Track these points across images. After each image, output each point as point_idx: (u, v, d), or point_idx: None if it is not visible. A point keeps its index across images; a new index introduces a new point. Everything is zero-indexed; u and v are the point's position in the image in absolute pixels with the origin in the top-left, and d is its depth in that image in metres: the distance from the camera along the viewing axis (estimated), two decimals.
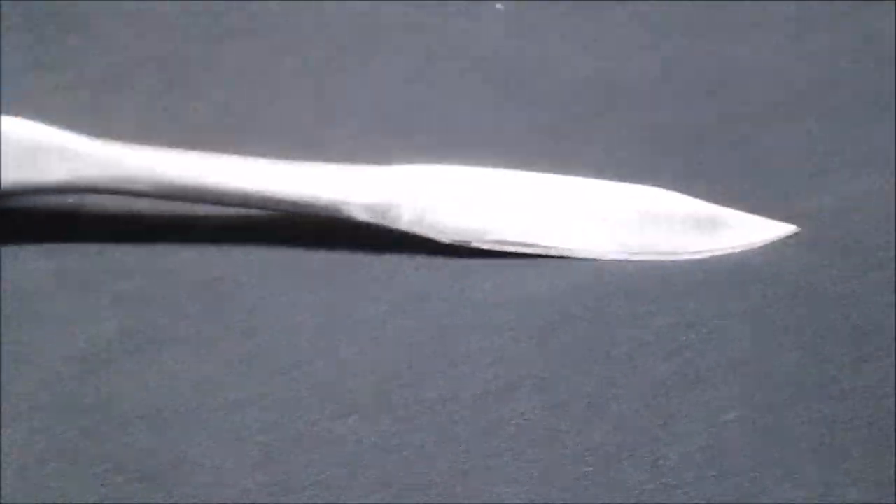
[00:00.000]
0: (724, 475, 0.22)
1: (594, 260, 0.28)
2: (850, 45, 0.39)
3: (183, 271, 0.28)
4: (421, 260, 0.28)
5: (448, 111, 0.36)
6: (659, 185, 0.30)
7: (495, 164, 0.33)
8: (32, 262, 0.29)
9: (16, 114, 0.29)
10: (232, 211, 0.29)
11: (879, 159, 0.32)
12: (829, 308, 0.27)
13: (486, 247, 0.28)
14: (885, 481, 0.22)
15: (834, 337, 0.26)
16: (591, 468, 0.23)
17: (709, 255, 0.29)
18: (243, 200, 0.28)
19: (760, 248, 0.29)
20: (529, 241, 0.29)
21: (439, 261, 0.28)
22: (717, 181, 0.32)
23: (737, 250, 0.29)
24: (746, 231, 0.29)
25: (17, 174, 0.28)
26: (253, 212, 0.29)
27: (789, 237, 0.29)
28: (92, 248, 0.29)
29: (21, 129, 0.28)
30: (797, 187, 0.31)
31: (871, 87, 0.36)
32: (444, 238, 0.28)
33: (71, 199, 0.30)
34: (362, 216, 0.28)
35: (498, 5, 0.43)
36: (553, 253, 0.29)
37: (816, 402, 0.24)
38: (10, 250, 0.29)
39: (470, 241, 0.28)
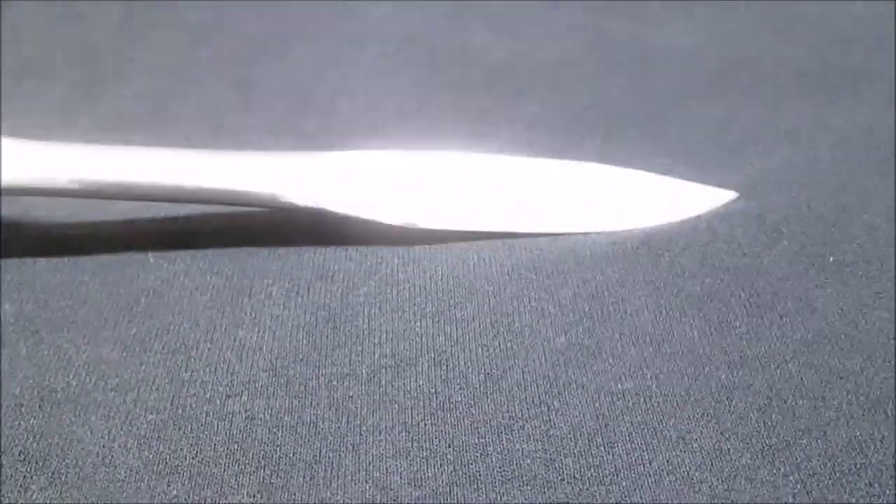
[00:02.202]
0: (615, 443, 0.22)
1: (535, 235, 0.28)
2: (764, 28, 0.39)
3: (84, 254, 0.28)
4: (328, 239, 0.28)
5: (370, 95, 0.36)
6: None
7: (419, 147, 0.33)
8: None
9: None
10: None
11: (792, 136, 0.33)
12: (732, 279, 0.27)
13: (431, 226, 0.28)
14: (780, 446, 0.22)
15: (735, 306, 0.26)
16: (482, 439, 0.22)
17: (654, 224, 0.29)
18: (174, 195, 0.27)
19: (703, 215, 0.29)
20: (472, 221, 0.28)
21: (347, 241, 0.28)
22: (635, 159, 0.32)
23: (681, 218, 0.29)
24: (689, 199, 0.29)
25: None
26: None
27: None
28: None
29: None
30: (712, 163, 0.31)
31: (784, 67, 0.37)
32: (391, 220, 0.28)
33: None
34: (303, 202, 0.27)
35: None
36: (496, 231, 0.28)
37: (714, 370, 0.24)
38: None
39: (415, 224, 0.28)
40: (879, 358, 0.24)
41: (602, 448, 0.22)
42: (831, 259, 0.27)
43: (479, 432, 0.23)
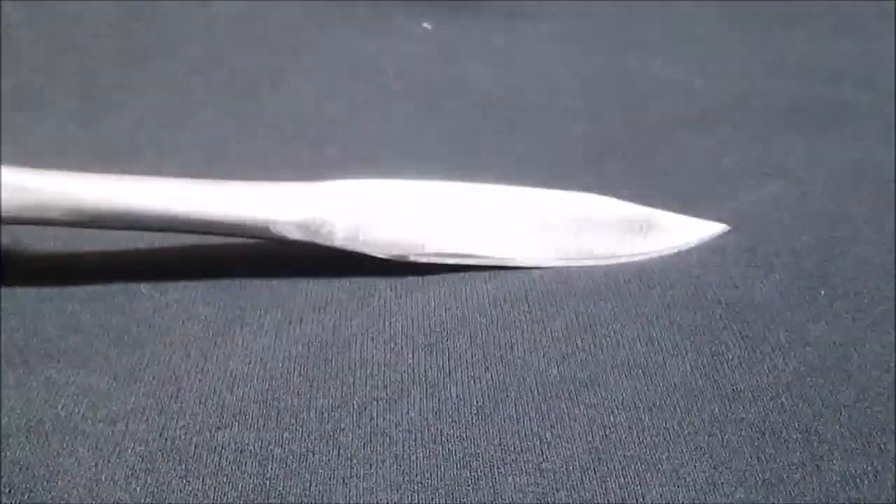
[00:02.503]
0: (608, 477, 0.22)
1: (529, 268, 0.28)
2: (755, 63, 0.40)
3: (75, 284, 0.28)
4: (320, 270, 0.28)
5: (366, 126, 0.37)
6: None
7: (414, 178, 0.33)
8: None
9: None
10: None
11: (783, 169, 0.33)
12: (724, 311, 0.26)
13: (423, 260, 0.28)
14: (773, 480, 0.22)
15: (727, 339, 0.26)
16: (473, 473, 0.22)
17: (645, 256, 0.29)
18: (167, 225, 0.27)
19: (694, 247, 0.29)
20: (467, 251, 0.28)
21: (340, 272, 0.28)
22: (625, 192, 0.32)
23: (672, 251, 0.29)
24: (680, 231, 0.29)
25: None
26: None
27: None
28: None
29: None
30: (702, 196, 0.31)
31: (775, 101, 0.37)
32: (381, 253, 0.28)
33: None
34: (294, 235, 0.27)
35: (425, 24, 0.43)
36: (491, 263, 0.28)
37: (707, 403, 0.24)
38: None
39: (407, 256, 0.28)
40: (873, 391, 0.24)
41: (595, 482, 0.22)
42: (823, 292, 0.27)
43: (470, 465, 0.22)
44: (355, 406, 0.24)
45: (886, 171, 0.33)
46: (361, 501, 0.22)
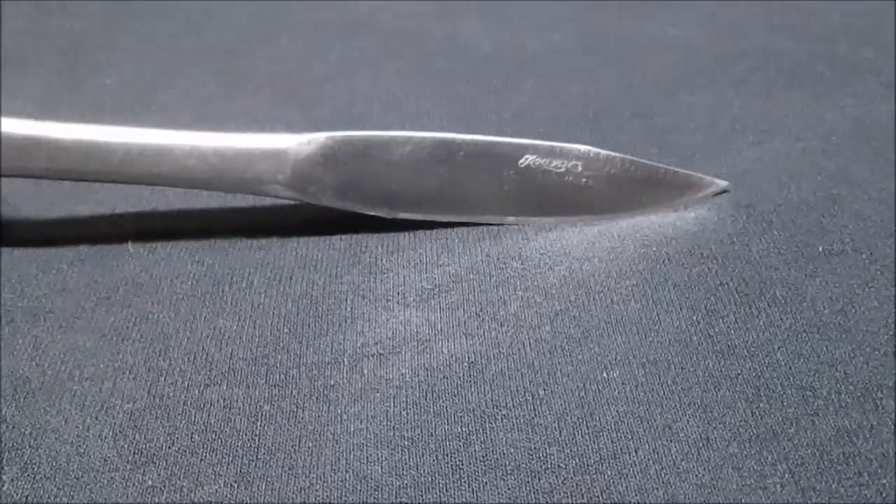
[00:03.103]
0: (600, 432, 0.22)
1: (522, 224, 0.28)
2: (755, 19, 0.39)
3: (63, 242, 0.27)
4: (311, 228, 0.28)
5: (358, 86, 0.36)
6: None
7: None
8: None
9: None
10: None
11: (782, 127, 0.32)
12: (720, 268, 0.26)
13: (414, 217, 0.28)
14: (767, 435, 0.22)
15: (723, 296, 0.25)
16: (465, 429, 0.22)
17: (642, 212, 0.28)
18: (152, 180, 0.26)
19: (694, 203, 0.28)
20: (459, 208, 0.28)
21: (330, 229, 0.28)
22: (623, 150, 0.31)
23: (672, 206, 0.28)
24: (679, 186, 0.29)
25: None
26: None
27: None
28: None
29: None
30: (701, 154, 0.31)
31: (774, 59, 0.36)
32: (371, 211, 0.27)
33: None
34: (283, 194, 0.27)
35: None
36: (484, 220, 0.28)
37: (702, 359, 0.24)
38: None
39: (398, 213, 0.28)
40: (868, 347, 0.24)
41: (587, 437, 0.22)
42: (820, 248, 0.27)
43: (462, 422, 0.22)
44: (346, 363, 0.24)
45: (886, 129, 0.32)
46: (352, 458, 0.21)
